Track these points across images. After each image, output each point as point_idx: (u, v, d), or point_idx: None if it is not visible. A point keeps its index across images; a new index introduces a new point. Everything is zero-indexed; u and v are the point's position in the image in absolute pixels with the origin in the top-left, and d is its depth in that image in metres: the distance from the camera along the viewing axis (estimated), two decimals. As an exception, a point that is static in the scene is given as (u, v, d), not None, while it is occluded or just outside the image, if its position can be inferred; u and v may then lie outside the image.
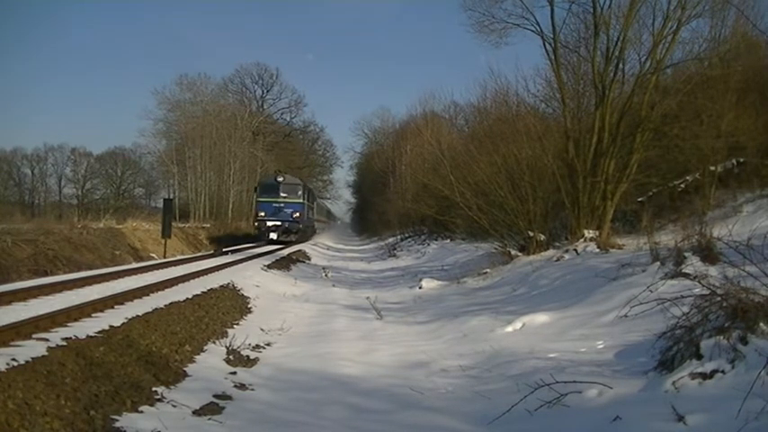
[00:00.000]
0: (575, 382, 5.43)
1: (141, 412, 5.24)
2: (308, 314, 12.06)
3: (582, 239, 15.11)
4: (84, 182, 70.62)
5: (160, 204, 34.32)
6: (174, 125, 53.65)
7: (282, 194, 32.45)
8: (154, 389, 5.88)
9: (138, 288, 10.53)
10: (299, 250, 29.96)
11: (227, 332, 9.12)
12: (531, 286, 12.58)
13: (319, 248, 37.34)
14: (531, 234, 16.84)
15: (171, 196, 49.38)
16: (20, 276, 13.46)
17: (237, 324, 10.12)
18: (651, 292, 7.51)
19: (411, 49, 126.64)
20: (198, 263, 18.07)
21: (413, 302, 13.83)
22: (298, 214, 32.63)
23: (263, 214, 31.89)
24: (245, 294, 12.95)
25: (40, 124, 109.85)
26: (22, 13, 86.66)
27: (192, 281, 12.83)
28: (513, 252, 17.00)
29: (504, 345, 7.94)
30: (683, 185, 17.58)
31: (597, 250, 14.07)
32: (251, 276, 15.60)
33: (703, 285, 6.19)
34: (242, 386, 6.60)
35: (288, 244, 31.47)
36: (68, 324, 7.27)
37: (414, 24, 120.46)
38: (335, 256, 34.41)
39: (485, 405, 5.80)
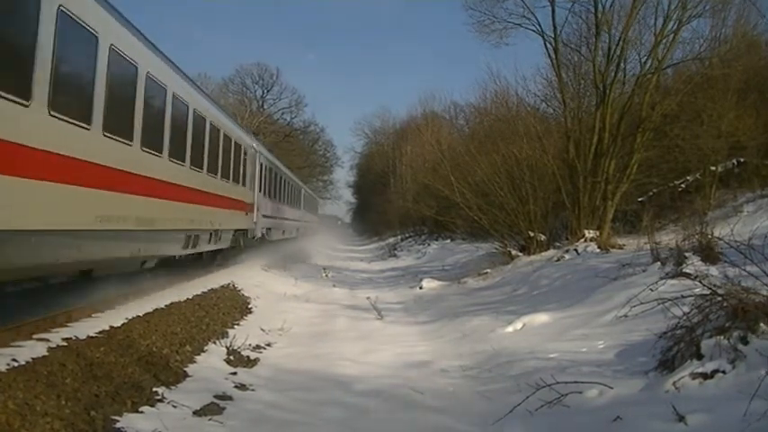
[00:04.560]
0: (575, 382, 5.43)
1: (142, 413, 5.24)
2: (309, 314, 12.06)
3: (582, 239, 15.12)
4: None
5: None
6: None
7: None
8: (154, 389, 5.87)
9: (138, 288, 10.51)
10: (300, 250, 29.94)
11: (227, 332, 9.11)
12: (532, 286, 12.58)
13: (320, 248, 37.29)
14: (531, 234, 16.86)
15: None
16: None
17: (238, 324, 10.11)
18: (652, 291, 7.52)
19: (411, 49, 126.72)
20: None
21: (413, 302, 13.83)
22: None
23: None
24: (246, 294, 12.94)
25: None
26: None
27: (192, 281, 12.82)
28: (513, 252, 17.00)
29: (504, 345, 7.94)
30: (683, 185, 17.60)
31: (598, 250, 14.08)
32: (251, 276, 15.59)
33: (704, 285, 6.21)
34: (242, 386, 6.60)
35: None
36: (69, 324, 7.26)
37: (414, 24, 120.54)
38: (336, 256, 34.40)
39: (485, 405, 5.80)
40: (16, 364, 5.26)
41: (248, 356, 7.99)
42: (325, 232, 52.38)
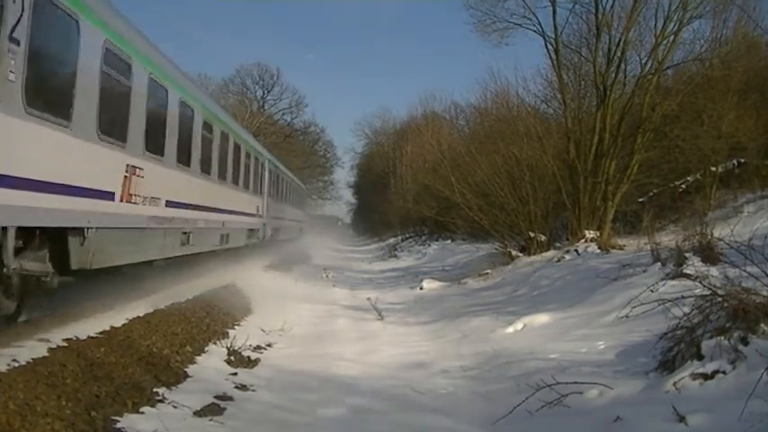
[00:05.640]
0: (576, 382, 5.43)
1: (142, 413, 5.24)
2: (309, 315, 12.06)
3: (583, 240, 15.12)
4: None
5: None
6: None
7: None
8: (155, 390, 5.87)
9: (138, 288, 10.51)
10: (300, 249, 29.90)
11: (227, 333, 9.12)
12: (532, 287, 12.58)
13: (320, 248, 37.28)
14: (531, 235, 16.86)
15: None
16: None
17: (238, 325, 10.12)
18: (652, 292, 7.52)
19: (411, 49, 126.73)
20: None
21: (414, 303, 13.83)
22: None
23: None
24: (246, 295, 12.95)
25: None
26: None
27: (192, 281, 12.82)
28: (513, 253, 17.00)
29: (504, 345, 7.94)
30: (683, 186, 17.59)
31: (598, 251, 14.08)
32: (252, 277, 15.59)
33: (704, 286, 6.21)
34: (243, 387, 6.60)
35: None
36: (69, 324, 7.26)
37: (414, 24, 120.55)
38: (336, 257, 34.41)
39: (485, 406, 5.81)
40: (17, 365, 5.26)
41: (249, 357, 8.00)
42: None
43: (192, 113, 11.28)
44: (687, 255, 8.99)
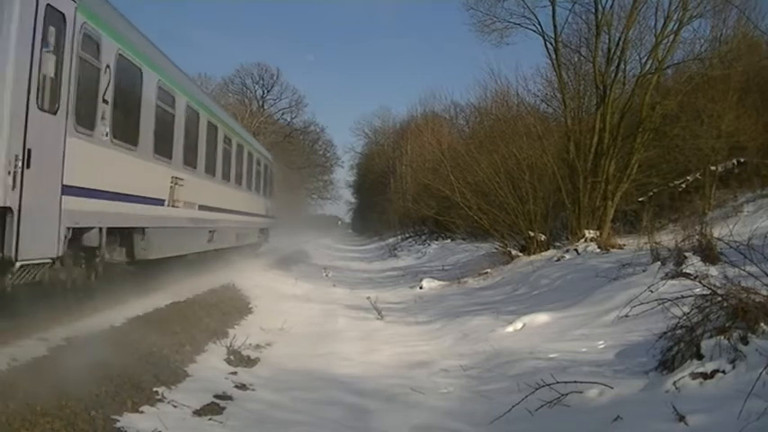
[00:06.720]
0: (575, 381, 5.43)
1: (142, 412, 5.23)
2: (309, 314, 12.05)
3: (582, 239, 15.13)
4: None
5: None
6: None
7: None
8: (154, 389, 5.86)
9: (138, 288, 10.50)
10: (299, 249, 29.88)
11: (227, 332, 9.11)
12: (532, 286, 12.59)
13: (320, 248, 37.29)
14: (531, 234, 16.87)
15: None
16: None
17: (238, 324, 10.10)
18: (652, 292, 7.52)
19: (411, 49, 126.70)
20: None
21: (414, 302, 13.83)
22: None
23: None
24: (246, 294, 12.95)
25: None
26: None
27: (192, 281, 12.81)
28: (513, 252, 17.02)
29: (504, 345, 7.94)
30: (683, 185, 17.61)
31: (598, 250, 14.09)
32: (251, 276, 15.58)
33: (704, 285, 6.21)
34: (242, 386, 6.60)
35: None
36: (69, 324, 7.26)
37: (414, 24, 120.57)
38: (336, 256, 34.41)
39: (485, 405, 5.80)
40: (16, 364, 5.26)
41: (248, 356, 7.99)
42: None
43: None
44: (687, 254, 9.00)
